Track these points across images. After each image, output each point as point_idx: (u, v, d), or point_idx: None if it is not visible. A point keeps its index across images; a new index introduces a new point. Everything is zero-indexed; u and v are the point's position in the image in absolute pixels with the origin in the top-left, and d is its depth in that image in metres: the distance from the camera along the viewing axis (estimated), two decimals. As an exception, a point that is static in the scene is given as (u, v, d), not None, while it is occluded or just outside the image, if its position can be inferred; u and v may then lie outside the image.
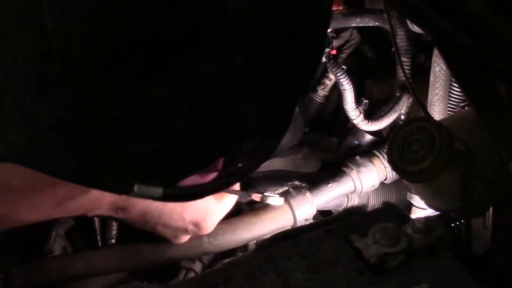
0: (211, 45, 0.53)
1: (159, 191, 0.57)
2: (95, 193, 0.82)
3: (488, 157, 0.78)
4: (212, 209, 0.93)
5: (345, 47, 1.25)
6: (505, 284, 0.81)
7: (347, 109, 1.19)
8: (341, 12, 1.18)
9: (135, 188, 0.55)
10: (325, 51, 1.14)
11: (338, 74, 1.15)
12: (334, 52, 1.21)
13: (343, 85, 1.16)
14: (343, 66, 1.16)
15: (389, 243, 0.71)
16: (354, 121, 1.21)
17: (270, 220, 1.07)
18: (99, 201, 0.85)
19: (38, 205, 0.79)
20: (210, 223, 0.94)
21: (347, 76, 1.15)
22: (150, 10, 0.49)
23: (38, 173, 0.64)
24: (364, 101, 1.22)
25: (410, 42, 1.14)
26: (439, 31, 0.54)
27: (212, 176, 0.63)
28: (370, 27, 1.20)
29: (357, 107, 1.19)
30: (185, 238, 0.96)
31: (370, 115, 1.22)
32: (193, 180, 0.61)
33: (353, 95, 1.17)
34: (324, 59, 1.15)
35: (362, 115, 1.20)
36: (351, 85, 1.16)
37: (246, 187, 1.09)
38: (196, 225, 0.92)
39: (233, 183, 0.76)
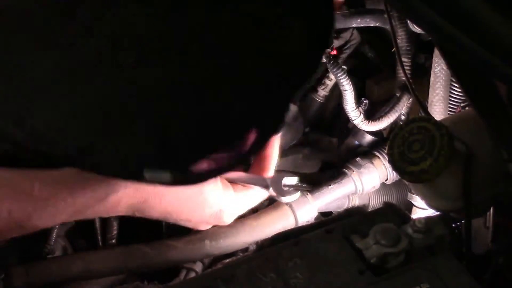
0: None
1: (167, 176, 0.64)
2: (112, 200, 0.85)
3: (488, 157, 0.78)
4: (230, 203, 0.99)
5: (345, 47, 1.24)
6: (505, 284, 0.81)
7: (347, 110, 1.19)
8: (342, 13, 1.18)
9: (145, 175, 0.63)
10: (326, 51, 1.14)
11: (338, 75, 1.15)
12: (334, 52, 1.21)
13: (343, 85, 1.16)
14: (343, 66, 1.15)
15: (390, 243, 0.71)
16: (354, 122, 1.20)
17: (271, 223, 1.07)
18: (116, 207, 0.86)
19: (57, 212, 0.81)
20: (228, 216, 1.00)
21: (347, 77, 1.15)
22: None
23: (58, 183, 0.79)
24: (364, 101, 1.22)
25: (410, 42, 1.14)
26: (439, 31, 0.54)
27: (219, 163, 0.71)
28: (370, 27, 1.20)
29: (357, 108, 1.19)
30: (207, 227, 1.02)
31: (370, 115, 1.22)
32: (204, 166, 0.69)
33: (353, 95, 1.17)
34: (324, 59, 1.15)
35: (362, 116, 1.20)
36: (351, 86, 1.16)
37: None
38: (216, 218, 0.99)
39: (234, 166, 0.85)
